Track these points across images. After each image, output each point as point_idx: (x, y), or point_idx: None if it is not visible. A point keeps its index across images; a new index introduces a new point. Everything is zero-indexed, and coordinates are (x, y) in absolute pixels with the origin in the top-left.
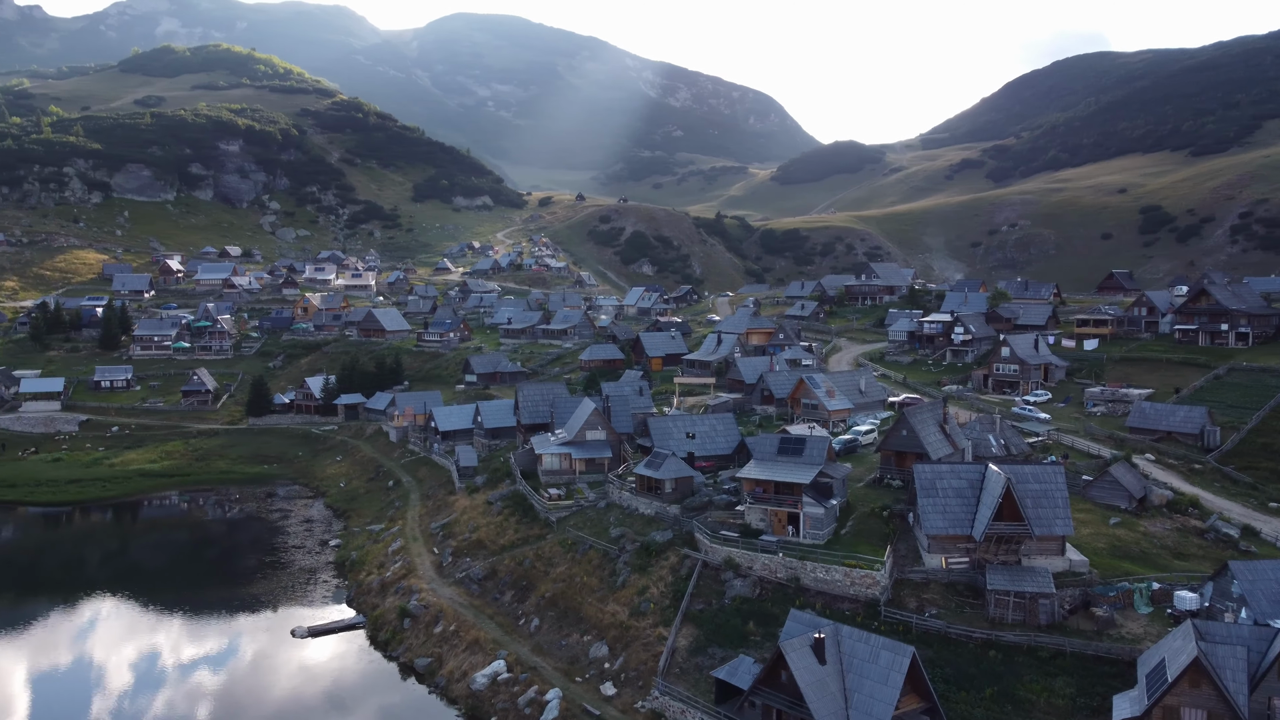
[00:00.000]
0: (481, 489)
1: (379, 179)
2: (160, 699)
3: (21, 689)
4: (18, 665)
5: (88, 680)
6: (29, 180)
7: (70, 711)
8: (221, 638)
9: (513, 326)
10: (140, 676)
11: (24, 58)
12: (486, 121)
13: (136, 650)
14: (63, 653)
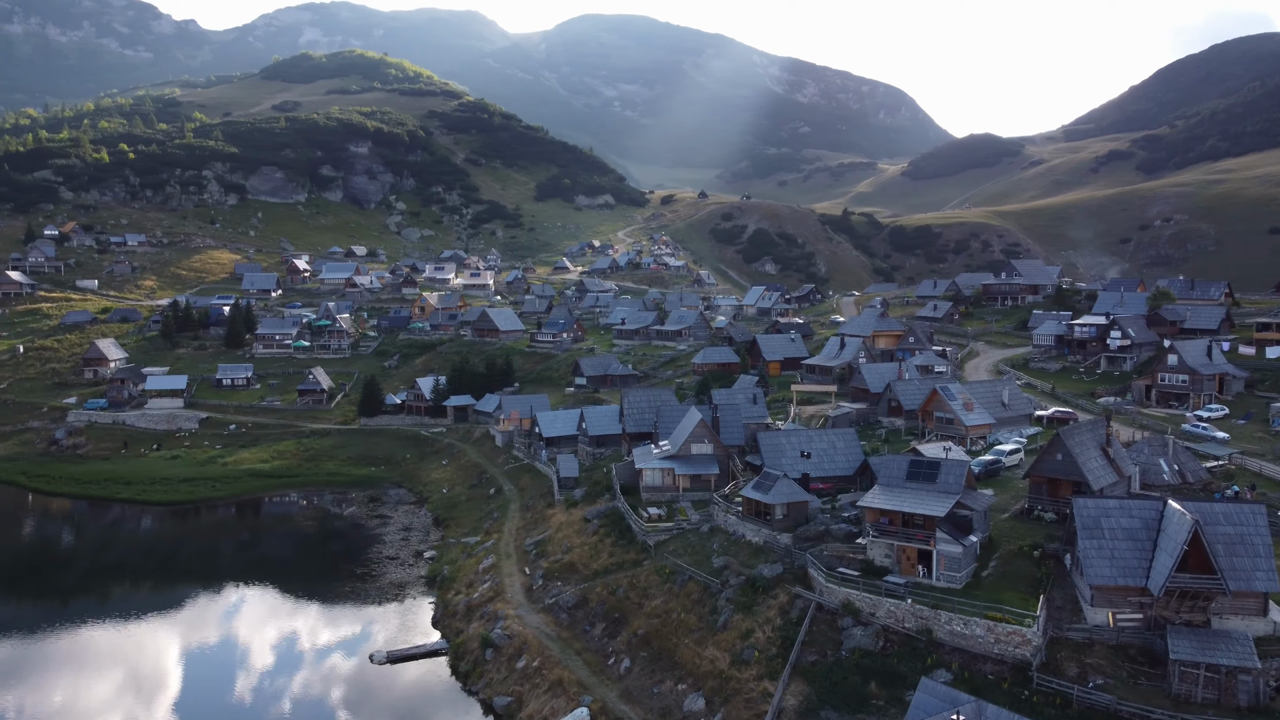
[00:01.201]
0: (580, 503)
1: (502, 179)
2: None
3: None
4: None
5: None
6: (171, 183)
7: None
8: (296, 661)
9: (626, 327)
10: (209, 701)
11: (179, 69)
12: (612, 121)
13: (209, 670)
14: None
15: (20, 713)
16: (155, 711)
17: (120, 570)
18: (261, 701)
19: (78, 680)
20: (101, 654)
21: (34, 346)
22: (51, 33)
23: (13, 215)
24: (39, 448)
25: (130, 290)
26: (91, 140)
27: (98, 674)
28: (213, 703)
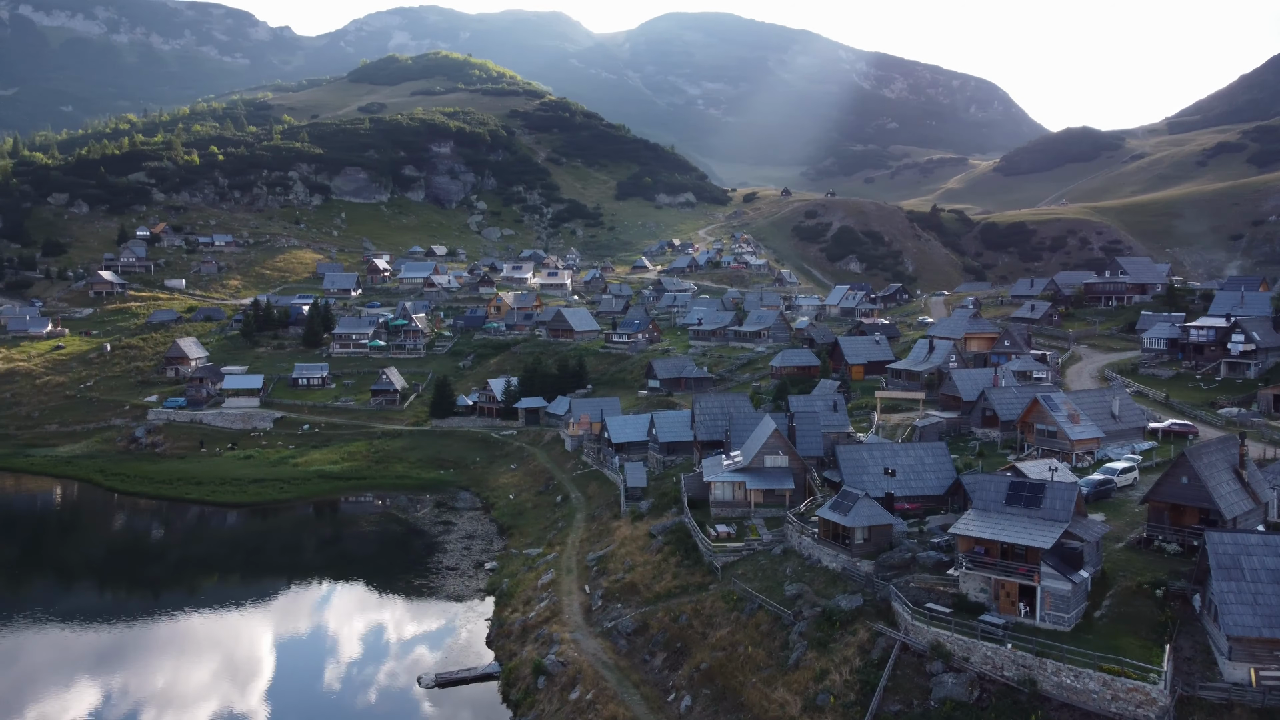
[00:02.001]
0: (646, 516)
1: (583, 177)
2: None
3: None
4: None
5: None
6: (258, 184)
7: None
8: (342, 681)
9: (703, 328)
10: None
11: (273, 74)
12: (695, 119)
13: (246, 687)
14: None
15: (125, 694)
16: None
17: (193, 566)
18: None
19: (175, 665)
20: (193, 642)
21: (120, 345)
22: (155, 42)
23: (108, 216)
24: (119, 445)
25: (216, 290)
26: (184, 143)
27: (193, 660)
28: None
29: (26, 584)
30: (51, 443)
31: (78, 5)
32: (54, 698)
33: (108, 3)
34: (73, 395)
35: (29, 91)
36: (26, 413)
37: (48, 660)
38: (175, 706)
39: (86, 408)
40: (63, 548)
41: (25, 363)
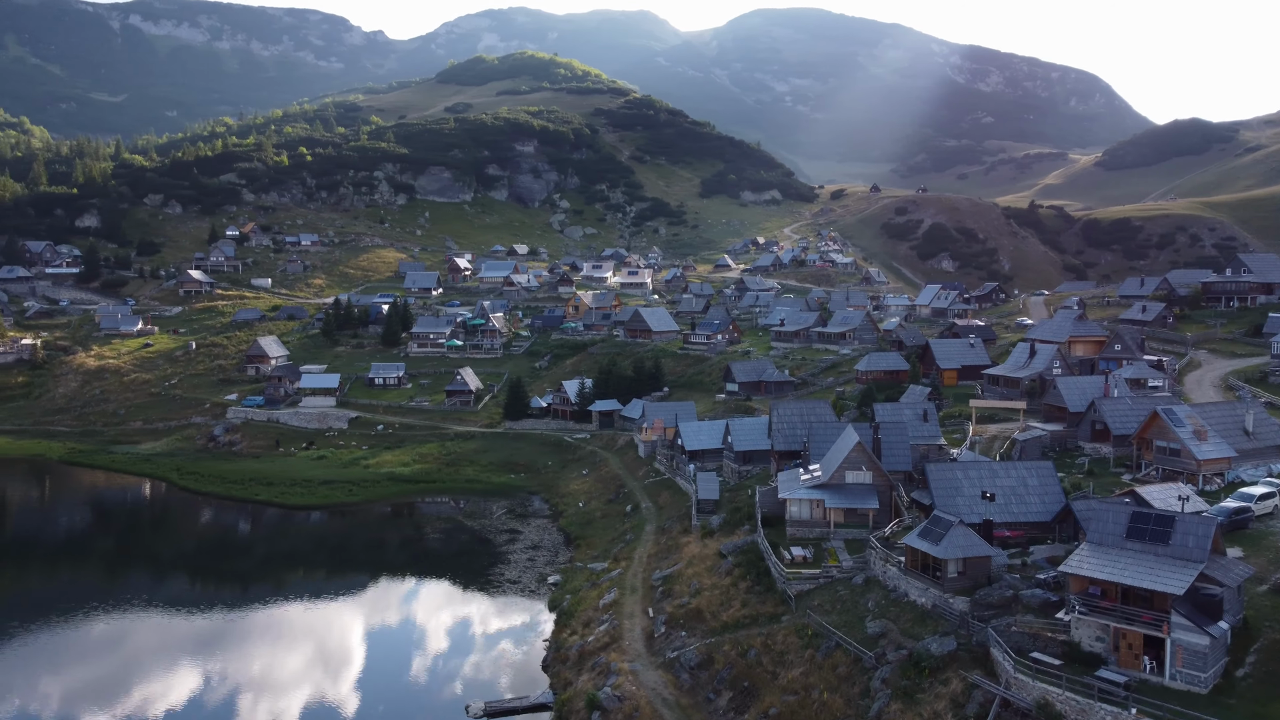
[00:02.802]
0: (717, 532)
1: (667, 175)
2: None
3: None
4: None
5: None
6: (344, 184)
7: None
8: (386, 707)
9: (785, 329)
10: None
11: (366, 77)
12: (783, 116)
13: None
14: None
15: (224, 679)
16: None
17: (269, 562)
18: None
19: (270, 653)
20: (282, 632)
21: (205, 343)
22: (255, 48)
23: (200, 217)
24: (198, 444)
25: (300, 289)
26: (274, 145)
27: (285, 649)
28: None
29: (123, 573)
30: (134, 440)
31: (183, 14)
32: (158, 679)
33: (211, 11)
34: (157, 393)
35: (136, 98)
36: (113, 409)
37: (151, 644)
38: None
39: (169, 405)
40: (155, 540)
41: (115, 360)
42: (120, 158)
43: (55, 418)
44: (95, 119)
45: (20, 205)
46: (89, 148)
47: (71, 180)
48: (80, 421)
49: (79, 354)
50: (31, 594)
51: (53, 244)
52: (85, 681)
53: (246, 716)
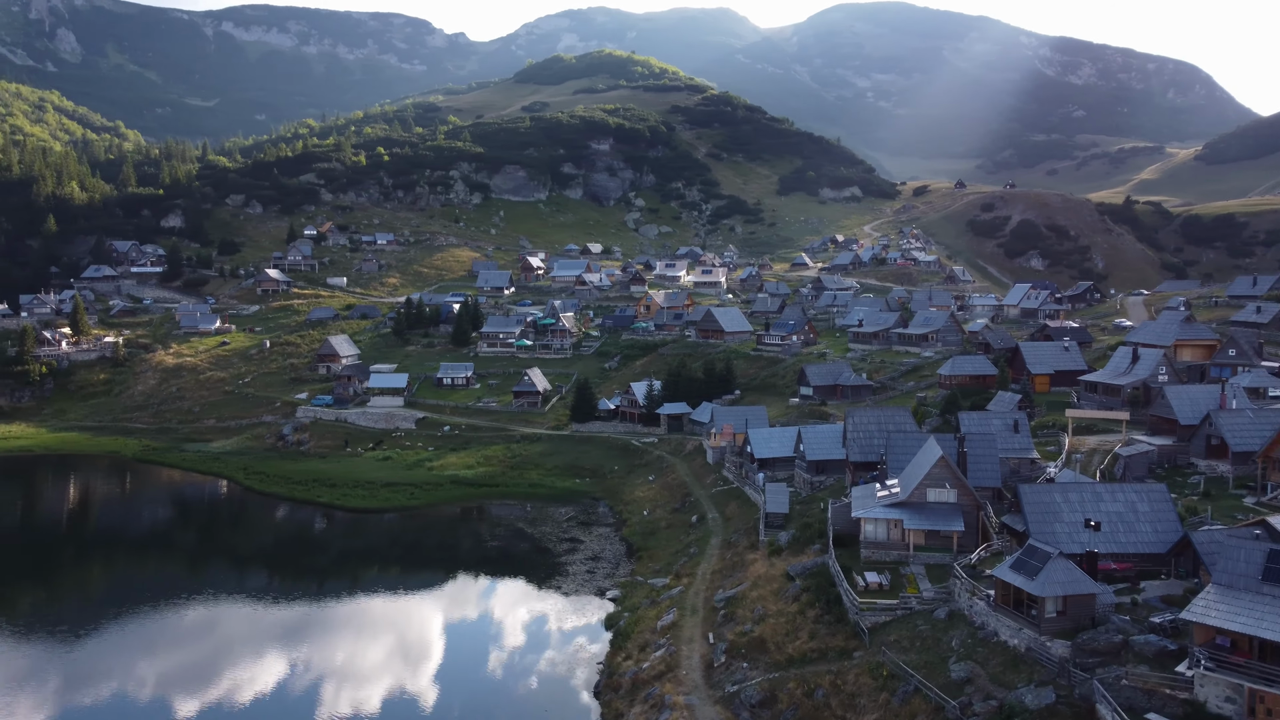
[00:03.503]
0: (785, 550)
1: (744, 173)
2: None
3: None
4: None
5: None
6: (420, 184)
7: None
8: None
9: (864, 330)
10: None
11: (447, 78)
12: (864, 112)
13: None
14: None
15: (309, 667)
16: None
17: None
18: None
19: (353, 644)
20: (362, 625)
21: (279, 342)
22: (341, 52)
23: (279, 216)
24: (268, 442)
25: (375, 288)
26: (353, 145)
27: (367, 640)
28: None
29: (203, 566)
30: (206, 437)
31: (273, 19)
32: (246, 666)
33: (300, 16)
34: (231, 391)
35: (227, 102)
36: (188, 407)
37: (237, 632)
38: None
39: (242, 403)
40: (230, 535)
41: (192, 358)
42: (206, 159)
43: (133, 415)
44: (189, 123)
45: (109, 206)
46: (176, 150)
47: (158, 182)
48: (157, 419)
49: (158, 352)
50: (120, 584)
51: (138, 244)
52: (178, 666)
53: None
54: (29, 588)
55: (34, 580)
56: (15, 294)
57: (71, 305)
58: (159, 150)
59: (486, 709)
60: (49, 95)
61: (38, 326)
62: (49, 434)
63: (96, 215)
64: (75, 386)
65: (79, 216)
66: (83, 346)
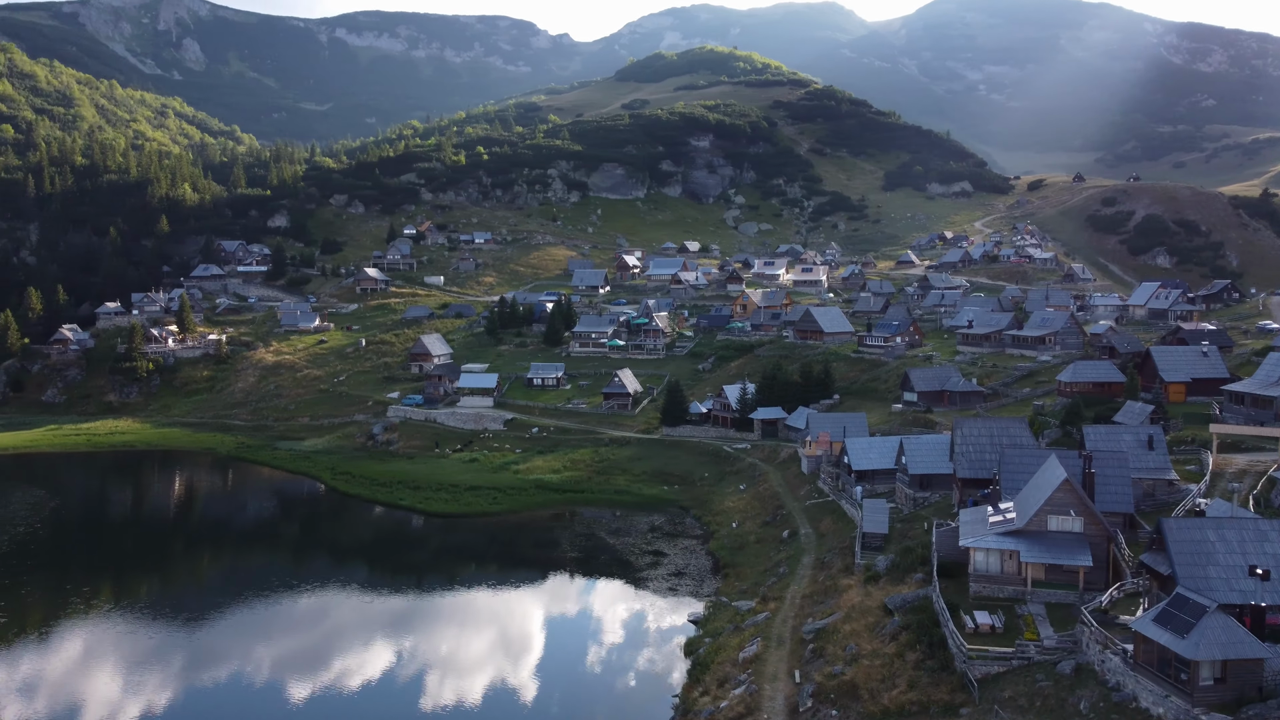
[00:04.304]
0: (883, 577)
1: (848, 168)
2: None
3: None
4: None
5: None
6: (518, 183)
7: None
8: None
9: (973, 331)
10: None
11: (550, 78)
12: (975, 105)
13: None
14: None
15: (414, 656)
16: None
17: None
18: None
19: (455, 637)
20: (461, 619)
21: (375, 340)
22: (448, 55)
23: (380, 216)
24: (358, 441)
25: (471, 286)
26: (453, 145)
27: (468, 633)
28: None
29: (306, 558)
30: (299, 436)
31: (383, 25)
32: (353, 653)
33: (409, 21)
34: (326, 389)
35: (340, 107)
36: (285, 405)
37: (344, 621)
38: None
39: (335, 402)
40: (326, 530)
41: (291, 356)
42: (313, 161)
43: (233, 411)
44: (303, 127)
45: (219, 207)
46: (285, 152)
47: (266, 183)
48: (254, 416)
49: (259, 349)
50: (228, 573)
51: (245, 243)
52: (289, 651)
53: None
54: (145, 575)
55: (149, 569)
56: (128, 292)
57: (178, 303)
58: (269, 153)
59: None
60: (171, 101)
61: (146, 324)
62: (152, 430)
63: (207, 216)
64: (180, 383)
65: (190, 217)
66: (188, 344)
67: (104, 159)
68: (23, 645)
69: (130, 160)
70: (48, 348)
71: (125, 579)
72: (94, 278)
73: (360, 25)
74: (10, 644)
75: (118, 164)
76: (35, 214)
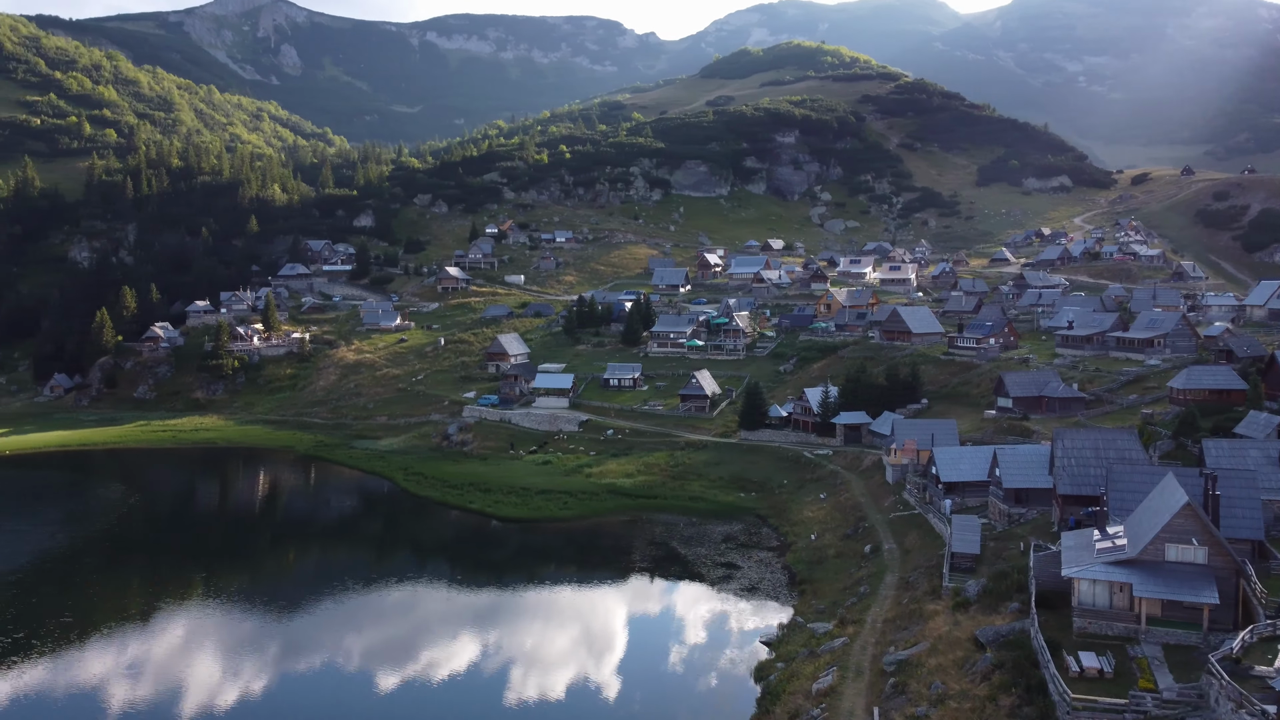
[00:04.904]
0: (974, 604)
1: (939, 163)
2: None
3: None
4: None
5: None
6: (600, 181)
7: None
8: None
9: (1074, 333)
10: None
11: (636, 77)
12: (1074, 98)
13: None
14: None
15: (500, 649)
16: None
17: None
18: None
19: (522, 639)
20: (537, 616)
21: (453, 339)
22: (535, 56)
23: (462, 215)
24: (433, 441)
25: (551, 285)
26: (536, 144)
27: (544, 631)
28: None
29: (389, 554)
30: (376, 435)
31: (473, 28)
32: (441, 646)
33: (498, 24)
34: (404, 388)
35: (430, 109)
36: (363, 404)
37: (430, 615)
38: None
39: (413, 401)
40: (409, 527)
41: (371, 354)
42: (399, 161)
43: (313, 409)
44: (393, 129)
45: (307, 207)
46: (372, 153)
47: (353, 183)
48: (334, 414)
49: (340, 348)
50: (314, 567)
51: (331, 243)
52: (378, 641)
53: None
54: (235, 567)
55: (238, 561)
56: (218, 291)
57: (264, 302)
58: (357, 154)
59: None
60: (266, 105)
61: (233, 323)
62: (234, 427)
63: (295, 216)
64: (264, 380)
65: (279, 217)
66: (272, 342)
67: (198, 161)
68: (126, 631)
69: (224, 162)
70: (140, 345)
71: (216, 570)
72: (186, 277)
73: (450, 28)
74: (113, 629)
75: (211, 166)
76: (133, 215)
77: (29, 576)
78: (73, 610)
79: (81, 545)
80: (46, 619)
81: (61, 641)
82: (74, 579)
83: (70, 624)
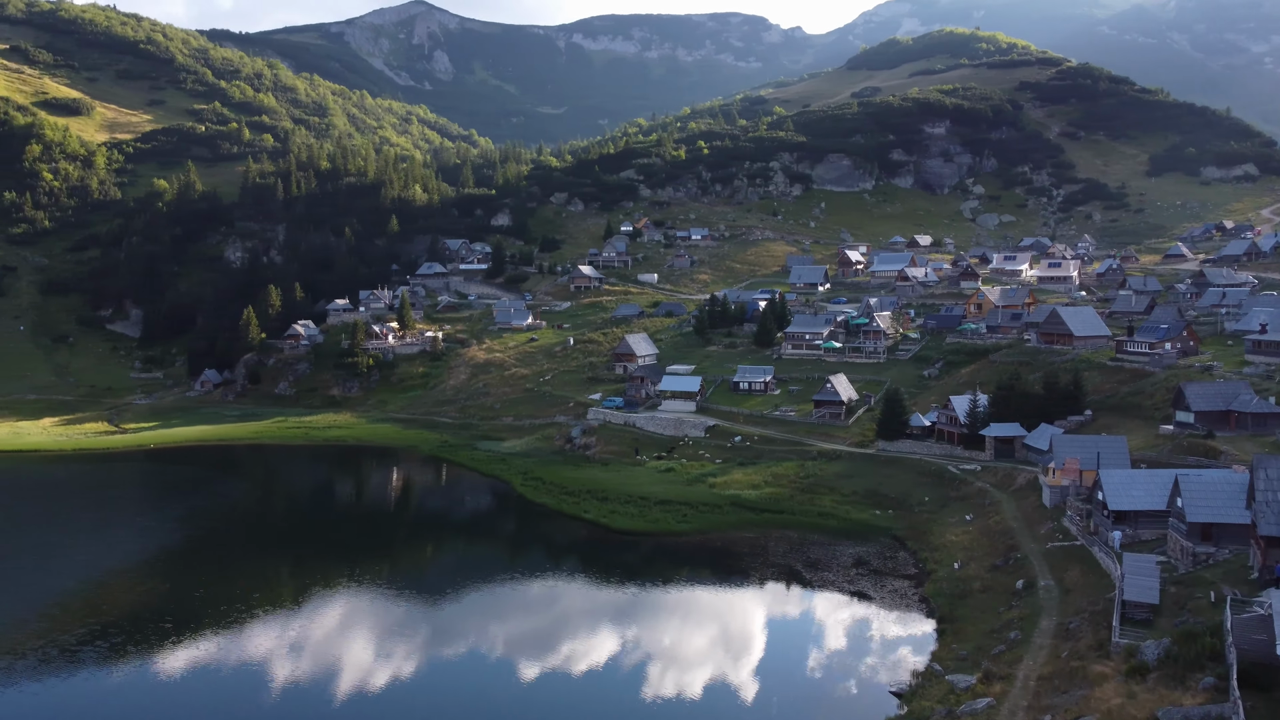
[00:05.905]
0: (1152, 670)
1: (1105, 153)
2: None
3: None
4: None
5: None
6: (738, 177)
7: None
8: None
9: (1267, 338)
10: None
11: (782, 72)
12: (1260, 81)
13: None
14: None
15: (638, 646)
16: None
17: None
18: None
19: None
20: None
21: (583, 339)
22: (679, 54)
23: (598, 213)
24: (556, 444)
25: (685, 284)
26: (674, 140)
27: (679, 631)
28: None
29: (522, 551)
30: (501, 435)
31: (618, 29)
32: (579, 639)
33: (642, 23)
34: (531, 389)
35: (575, 109)
36: (491, 404)
37: (568, 610)
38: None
39: (539, 402)
40: (548, 528)
41: (501, 354)
42: (538, 160)
43: (442, 408)
44: (539, 130)
45: (446, 206)
46: (512, 153)
47: (493, 183)
48: (462, 414)
49: (472, 346)
50: (454, 561)
51: (468, 242)
52: (519, 632)
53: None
54: (376, 559)
55: (379, 553)
56: (359, 290)
57: (400, 301)
58: (498, 154)
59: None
60: (415, 109)
61: (369, 321)
62: (364, 425)
63: (434, 215)
64: (397, 379)
65: (419, 217)
66: (406, 340)
67: (344, 163)
68: (280, 615)
69: (369, 164)
70: (281, 342)
71: (359, 561)
72: (330, 275)
73: (595, 30)
74: (267, 614)
75: (357, 167)
76: (283, 216)
77: (182, 561)
78: (227, 596)
79: (226, 536)
80: (210, 601)
81: (226, 619)
82: (227, 567)
83: (229, 607)
